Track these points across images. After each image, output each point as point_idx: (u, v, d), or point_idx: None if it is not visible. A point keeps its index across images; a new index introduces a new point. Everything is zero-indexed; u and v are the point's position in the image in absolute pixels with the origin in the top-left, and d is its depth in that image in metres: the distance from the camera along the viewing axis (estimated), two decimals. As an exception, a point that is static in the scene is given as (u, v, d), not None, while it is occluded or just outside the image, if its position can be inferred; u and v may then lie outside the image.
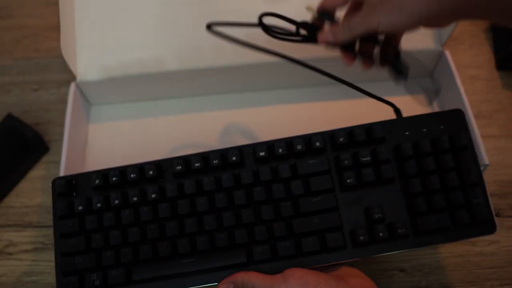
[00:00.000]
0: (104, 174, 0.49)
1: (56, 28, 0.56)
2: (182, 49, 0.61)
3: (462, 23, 0.58)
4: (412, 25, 0.43)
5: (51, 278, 0.55)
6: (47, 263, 0.56)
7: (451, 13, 0.42)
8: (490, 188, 0.58)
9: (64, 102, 0.65)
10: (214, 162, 0.48)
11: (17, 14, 0.74)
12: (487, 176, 0.58)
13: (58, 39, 0.56)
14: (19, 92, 0.68)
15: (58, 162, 0.61)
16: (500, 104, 0.65)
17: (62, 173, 0.54)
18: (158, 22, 0.61)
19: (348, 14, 0.49)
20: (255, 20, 0.51)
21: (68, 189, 0.49)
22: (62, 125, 0.60)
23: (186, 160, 0.49)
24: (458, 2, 0.41)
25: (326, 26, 0.49)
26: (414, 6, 0.42)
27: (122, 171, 0.49)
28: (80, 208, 0.48)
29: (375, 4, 0.44)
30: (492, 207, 0.46)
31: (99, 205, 0.48)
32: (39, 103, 0.67)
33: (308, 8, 0.51)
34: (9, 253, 0.57)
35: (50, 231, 0.58)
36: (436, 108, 0.64)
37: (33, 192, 0.61)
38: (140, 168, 0.49)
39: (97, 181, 0.48)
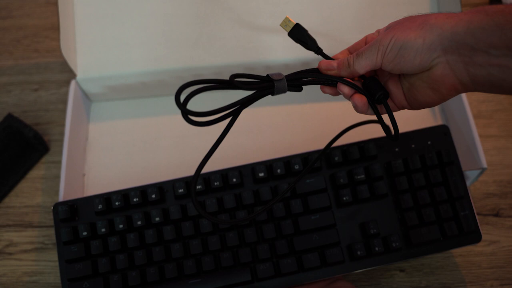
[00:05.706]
0: (106, 198, 0.50)
1: (56, 28, 0.56)
2: (182, 47, 0.61)
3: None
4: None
5: (51, 278, 0.56)
6: (47, 263, 0.57)
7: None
8: (490, 188, 0.59)
9: (64, 102, 0.65)
10: (215, 184, 0.50)
11: (17, 14, 0.73)
12: (487, 176, 0.59)
13: (58, 39, 0.56)
14: (19, 92, 0.68)
15: (58, 162, 0.62)
16: (500, 104, 0.64)
17: (63, 170, 0.54)
18: (158, 19, 0.61)
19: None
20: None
21: (71, 214, 0.49)
22: (62, 125, 0.60)
23: (187, 182, 0.50)
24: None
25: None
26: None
27: (124, 195, 0.50)
28: (85, 233, 0.48)
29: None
30: (477, 218, 0.49)
31: (103, 230, 0.48)
32: (39, 103, 0.67)
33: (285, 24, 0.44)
34: (9, 253, 0.57)
35: (50, 231, 0.58)
36: (436, 108, 0.64)
37: (33, 192, 0.61)
38: (142, 191, 0.50)
39: (100, 206, 0.49)
